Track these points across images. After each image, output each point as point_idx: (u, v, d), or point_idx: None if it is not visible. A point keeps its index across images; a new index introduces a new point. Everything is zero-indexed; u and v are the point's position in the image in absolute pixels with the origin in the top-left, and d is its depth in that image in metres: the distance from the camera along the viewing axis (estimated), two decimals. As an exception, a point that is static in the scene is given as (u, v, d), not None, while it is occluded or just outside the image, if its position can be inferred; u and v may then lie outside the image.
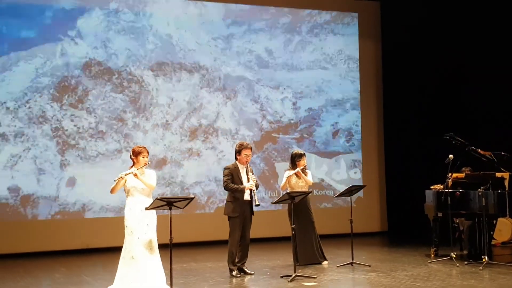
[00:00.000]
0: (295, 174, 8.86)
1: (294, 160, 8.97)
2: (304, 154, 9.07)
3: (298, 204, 8.51)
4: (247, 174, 8.10)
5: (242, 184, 8.09)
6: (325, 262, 8.90)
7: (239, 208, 8.10)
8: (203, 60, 12.08)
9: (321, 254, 8.96)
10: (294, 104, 12.74)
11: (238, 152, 8.19)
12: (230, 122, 12.21)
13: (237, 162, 8.21)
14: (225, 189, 8.21)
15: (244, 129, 12.29)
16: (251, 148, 8.23)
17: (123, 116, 11.46)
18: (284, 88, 12.67)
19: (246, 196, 8.11)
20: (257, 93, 12.45)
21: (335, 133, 13.03)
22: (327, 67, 13.05)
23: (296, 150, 9.94)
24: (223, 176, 8.15)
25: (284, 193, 8.35)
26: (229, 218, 8.17)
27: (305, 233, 8.85)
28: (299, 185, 8.90)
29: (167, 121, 11.75)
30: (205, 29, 12.13)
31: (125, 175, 7.07)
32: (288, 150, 12.27)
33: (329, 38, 13.11)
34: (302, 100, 12.81)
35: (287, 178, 8.89)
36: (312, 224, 8.92)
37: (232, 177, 8.10)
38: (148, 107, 11.64)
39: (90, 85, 11.28)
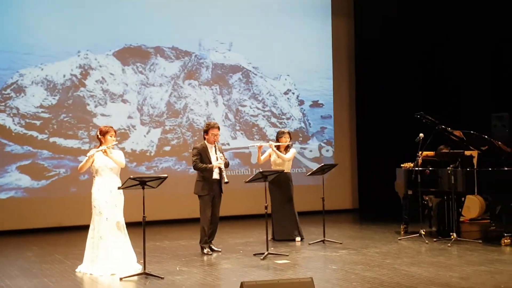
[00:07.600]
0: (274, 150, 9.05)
1: (277, 137, 9.24)
2: (287, 132, 9.27)
3: (277, 180, 8.72)
4: (215, 153, 8.15)
5: (210, 163, 8.14)
6: (298, 238, 9.01)
7: (208, 187, 8.17)
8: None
9: (297, 231, 9.09)
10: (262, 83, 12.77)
11: (205, 131, 8.26)
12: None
13: (205, 141, 8.25)
14: (194, 168, 8.27)
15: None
16: (218, 128, 8.28)
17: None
18: (250, 70, 12.67)
19: (215, 175, 8.16)
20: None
21: (307, 111, 13.08)
22: (299, 47, 13.03)
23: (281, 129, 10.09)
24: (192, 156, 8.24)
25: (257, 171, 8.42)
26: (199, 196, 8.24)
27: (283, 209, 9.04)
28: (277, 163, 9.11)
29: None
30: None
31: (97, 151, 7.03)
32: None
33: (302, 17, 13.08)
34: (274, 78, 12.82)
35: (258, 152, 9.13)
36: (290, 201, 9.09)
37: (200, 156, 8.16)
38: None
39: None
